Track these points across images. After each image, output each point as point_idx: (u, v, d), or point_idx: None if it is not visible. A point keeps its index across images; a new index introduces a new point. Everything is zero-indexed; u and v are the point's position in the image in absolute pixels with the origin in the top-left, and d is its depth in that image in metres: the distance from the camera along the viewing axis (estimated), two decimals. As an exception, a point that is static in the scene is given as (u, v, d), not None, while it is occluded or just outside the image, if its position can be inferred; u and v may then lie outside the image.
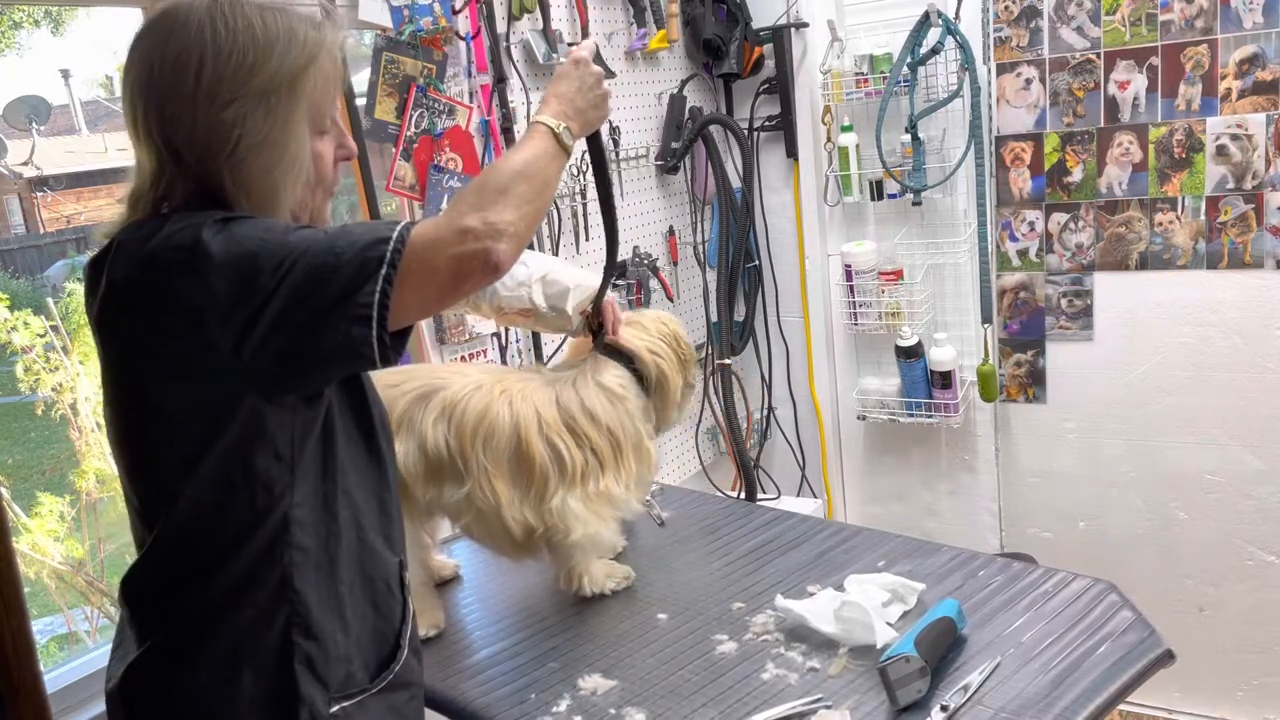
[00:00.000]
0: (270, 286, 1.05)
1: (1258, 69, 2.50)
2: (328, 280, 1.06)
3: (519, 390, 1.71)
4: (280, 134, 1.16)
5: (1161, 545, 2.87)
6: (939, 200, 2.93)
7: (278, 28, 1.15)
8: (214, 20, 1.13)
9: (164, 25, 1.14)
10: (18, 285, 3.90)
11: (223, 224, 1.09)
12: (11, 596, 1.43)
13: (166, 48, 1.13)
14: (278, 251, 1.07)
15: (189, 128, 1.12)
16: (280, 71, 1.14)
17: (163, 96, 1.13)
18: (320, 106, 1.20)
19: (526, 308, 1.78)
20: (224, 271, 1.06)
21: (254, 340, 1.06)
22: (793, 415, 3.27)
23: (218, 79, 1.12)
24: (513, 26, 2.42)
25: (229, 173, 1.14)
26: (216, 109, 1.12)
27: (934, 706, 1.36)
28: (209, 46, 1.12)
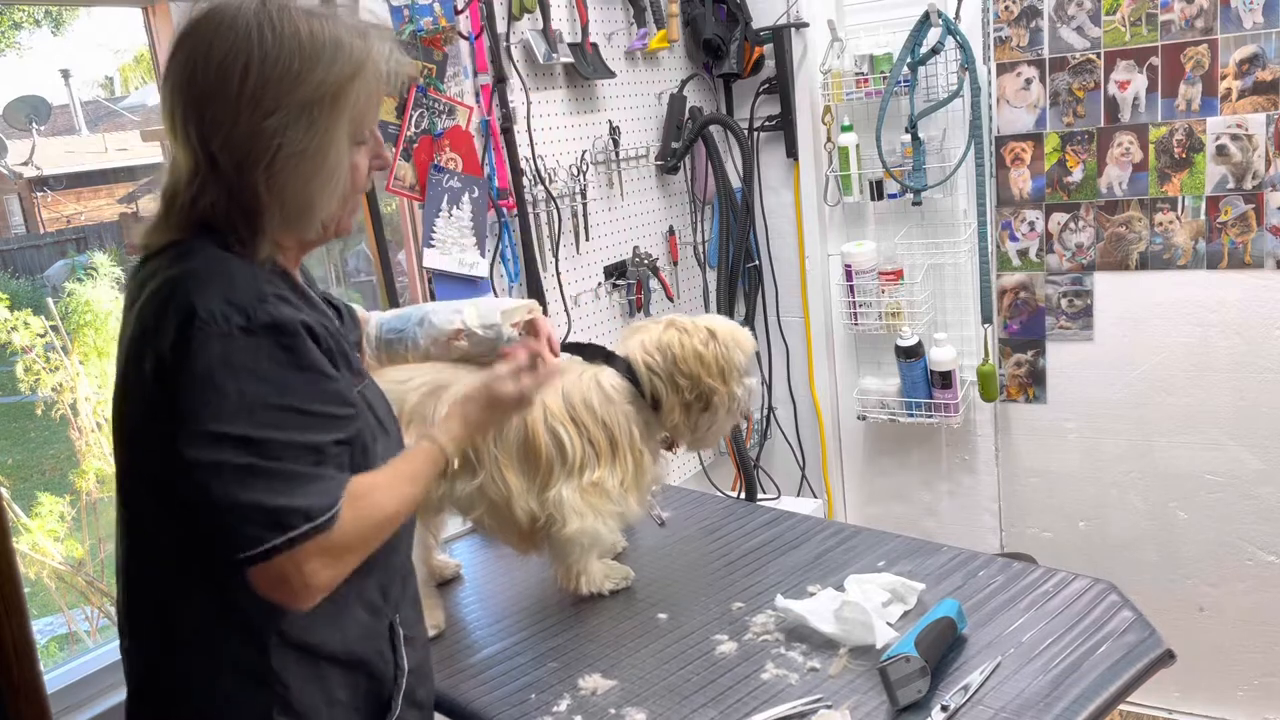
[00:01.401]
0: (201, 456, 1.05)
1: (1258, 69, 2.50)
2: (231, 508, 1.06)
3: None
4: (320, 146, 1.14)
5: (1161, 545, 2.87)
6: (939, 200, 2.93)
7: (324, 37, 1.13)
8: (261, 26, 1.11)
9: (209, 25, 1.12)
10: (18, 285, 3.90)
11: (248, 335, 1.07)
12: (11, 596, 1.43)
13: (211, 49, 1.11)
14: (236, 438, 1.06)
15: (228, 134, 1.11)
16: (325, 82, 1.13)
17: (203, 99, 1.11)
18: (362, 118, 1.18)
19: (458, 329, 1.76)
20: (191, 395, 1.06)
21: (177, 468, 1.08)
22: (793, 415, 3.27)
23: (261, 86, 1.10)
24: (513, 26, 2.42)
25: (265, 183, 1.12)
26: (258, 117, 1.10)
27: (934, 706, 1.37)
28: (255, 52, 1.10)
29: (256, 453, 1.06)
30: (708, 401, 1.80)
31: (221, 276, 1.10)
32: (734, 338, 1.84)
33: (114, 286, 2.63)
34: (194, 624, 1.15)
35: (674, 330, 1.82)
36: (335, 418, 1.14)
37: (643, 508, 1.84)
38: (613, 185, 2.79)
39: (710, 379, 1.79)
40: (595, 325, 2.73)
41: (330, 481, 1.11)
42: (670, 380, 1.79)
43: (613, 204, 2.80)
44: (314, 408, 1.11)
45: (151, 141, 3.54)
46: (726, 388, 1.81)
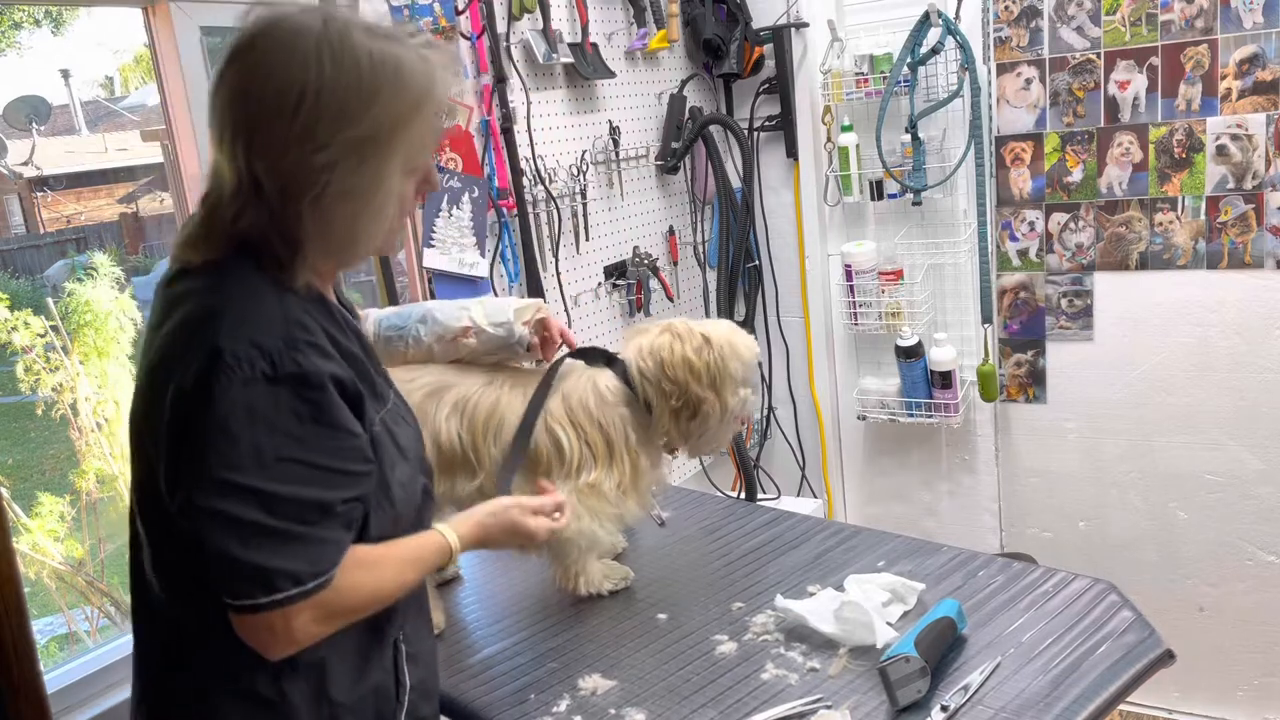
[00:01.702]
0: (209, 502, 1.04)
1: (1258, 69, 2.50)
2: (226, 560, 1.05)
3: (528, 385, 1.75)
4: (370, 184, 1.11)
5: (1161, 545, 2.87)
6: (939, 200, 2.93)
7: (385, 69, 1.09)
8: (320, 53, 1.06)
9: (269, 43, 1.08)
10: (18, 285, 3.90)
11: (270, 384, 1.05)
12: (11, 596, 1.43)
13: (269, 72, 1.07)
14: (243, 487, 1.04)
15: (275, 162, 1.07)
16: (382, 120, 1.09)
17: (253, 123, 1.07)
18: (417, 153, 1.15)
19: (466, 326, 1.76)
20: (205, 439, 1.04)
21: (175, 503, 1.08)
22: (793, 415, 3.27)
23: (315, 120, 1.06)
24: (513, 26, 2.42)
25: (309, 215, 1.09)
26: (308, 151, 1.07)
27: (934, 706, 1.36)
28: (311, 83, 1.06)
29: (261, 506, 1.05)
30: (695, 409, 1.76)
31: (253, 314, 1.07)
32: (731, 346, 1.78)
33: (114, 286, 2.63)
34: (201, 639, 1.14)
35: (668, 335, 1.78)
36: (350, 474, 1.12)
37: (642, 510, 1.84)
38: (613, 185, 2.79)
39: (698, 387, 1.74)
40: (595, 325, 2.73)
41: (329, 546, 1.10)
42: (658, 386, 1.76)
43: (613, 204, 2.80)
44: (329, 463, 1.09)
45: (151, 141, 3.54)
46: (718, 397, 1.76)
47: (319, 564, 1.08)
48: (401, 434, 1.24)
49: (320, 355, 1.09)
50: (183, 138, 1.97)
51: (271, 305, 1.09)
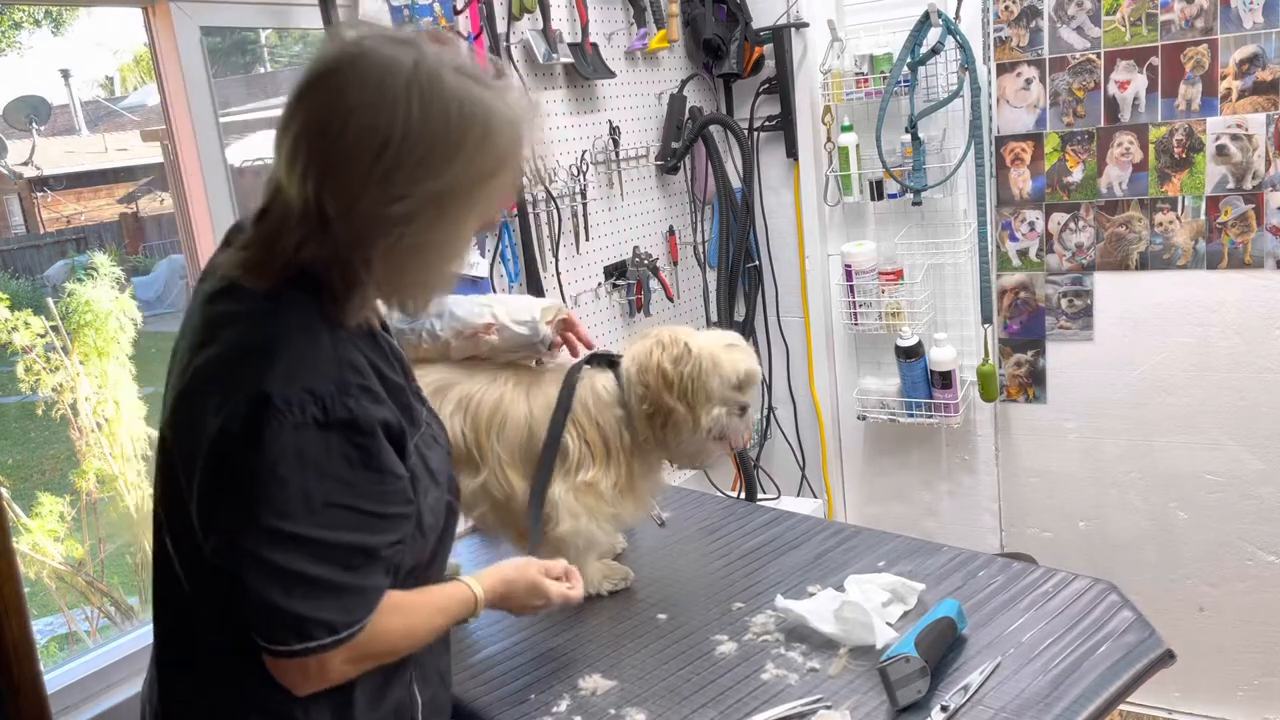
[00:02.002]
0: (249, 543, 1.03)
1: (1258, 69, 2.50)
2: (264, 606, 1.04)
3: (530, 383, 1.76)
4: (446, 237, 1.07)
5: (1161, 545, 2.86)
6: (939, 200, 2.93)
7: (475, 120, 1.04)
8: (410, 98, 1.01)
9: (355, 78, 1.02)
10: (18, 285, 3.90)
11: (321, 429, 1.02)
12: (11, 596, 1.43)
13: (352, 110, 1.01)
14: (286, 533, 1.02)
15: (348, 206, 1.02)
16: (465, 174, 1.04)
17: (330, 161, 1.02)
18: (496, 206, 1.12)
19: (488, 322, 1.75)
20: (254, 484, 1.01)
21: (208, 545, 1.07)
22: (793, 415, 3.27)
23: (396, 169, 1.01)
24: (513, 26, 2.42)
25: (379, 263, 1.05)
26: (385, 200, 1.02)
27: (934, 707, 1.36)
28: (397, 130, 1.00)
29: (307, 554, 1.03)
30: (666, 418, 1.72)
31: (306, 356, 1.04)
32: (714, 361, 1.71)
33: (114, 286, 2.63)
34: (220, 656, 1.13)
35: (653, 340, 1.75)
36: (394, 518, 1.11)
37: (639, 512, 1.83)
38: (613, 185, 2.79)
39: (669, 397, 1.70)
40: (595, 325, 2.73)
41: (368, 594, 1.09)
42: (633, 391, 1.74)
43: (613, 204, 2.80)
44: (375, 508, 1.08)
45: (151, 141, 3.54)
46: (690, 411, 1.70)
47: (354, 613, 1.08)
48: (433, 457, 1.22)
49: (371, 400, 1.07)
50: (183, 138, 1.97)
51: (324, 346, 1.06)
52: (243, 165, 2.70)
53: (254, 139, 3.03)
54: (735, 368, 1.73)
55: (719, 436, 1.75)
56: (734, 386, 1.73)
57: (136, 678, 1.80)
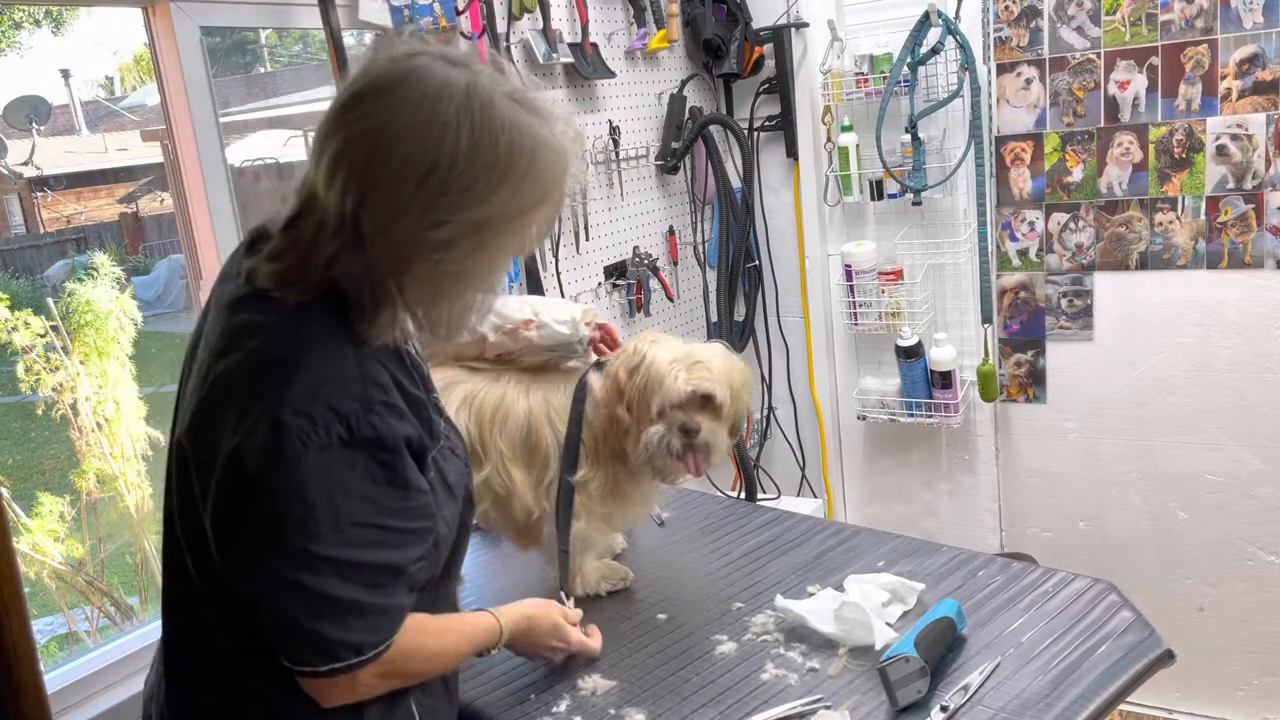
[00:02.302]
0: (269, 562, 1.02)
1: (1258, 69, 2.50)
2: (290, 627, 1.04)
3: (531, 381, 1.77)
4: (483, 266, 1.06)
5: (1161, 545, 2.86)
6: (939, 200, 2.93)
7: (522, 153, 1.02)
8: (460, 125, 0.99)
9: (407, 99, 1.00)
10: (18, 285, 3.90)
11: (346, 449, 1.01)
12: (11, 596, 1.43)
13: (400, 135, 0.99)
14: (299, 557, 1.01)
15: (387, 228, 1.00)
16: (508, 206, 1.03)
17: (372, 179, 1.00)
18: (536, 239, 1.10)
19: (529, 319, 1.75)
20: (280, 504, 1.01)
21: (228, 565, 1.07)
22: (793, 415, 3.27)
23: (440, 194, 0.99)
24: (513, 26, 2.42)
25: (412, 285, 1.04)
26: (425, 226, 1.00)
27: (934, 706, 1.36)
28: (445, 157, 0.98)
29: (333, 574, 1.02)
30: (619, 429, 1.67)
31: (329, 372, 1.02)
32: (661, 378, 1.62)
33: (114, 286, 2.63)
34: (228, 658, 1.13)
35: (631, 346, 1.70)
36: (419, 533, 1.11)
37: (634, 515, 1.82)
38: (613, 185, 2.79)
39: (619, 408, 1.65)
40: (595, 325, 2.73)
41: (392, 614, 1.09)
42: (594, 397, 1.72)
43: (613, 204, 2.80)
44: (401, 525, 1.07)
45: (151, 141, 3.54)
46: (636, 424, 1.64)
47: (380, 632, 1.08)
48: (451, 470, 1.21)
49: (395, 416, 1.06)
50: (183, 138, 1.97)
51: (349, 362, 1.04)
52: (243, 165, 2.70)
53: (254, 139, 3.03)
54: (677, 386, 1.61)
55: (657, 460, 1.65)
56: (675, 405, 1.62)
57: (136, 678, 1.80)
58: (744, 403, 1.71)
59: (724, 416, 1.66)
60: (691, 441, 1.64)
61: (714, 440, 1.65)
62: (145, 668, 1.79)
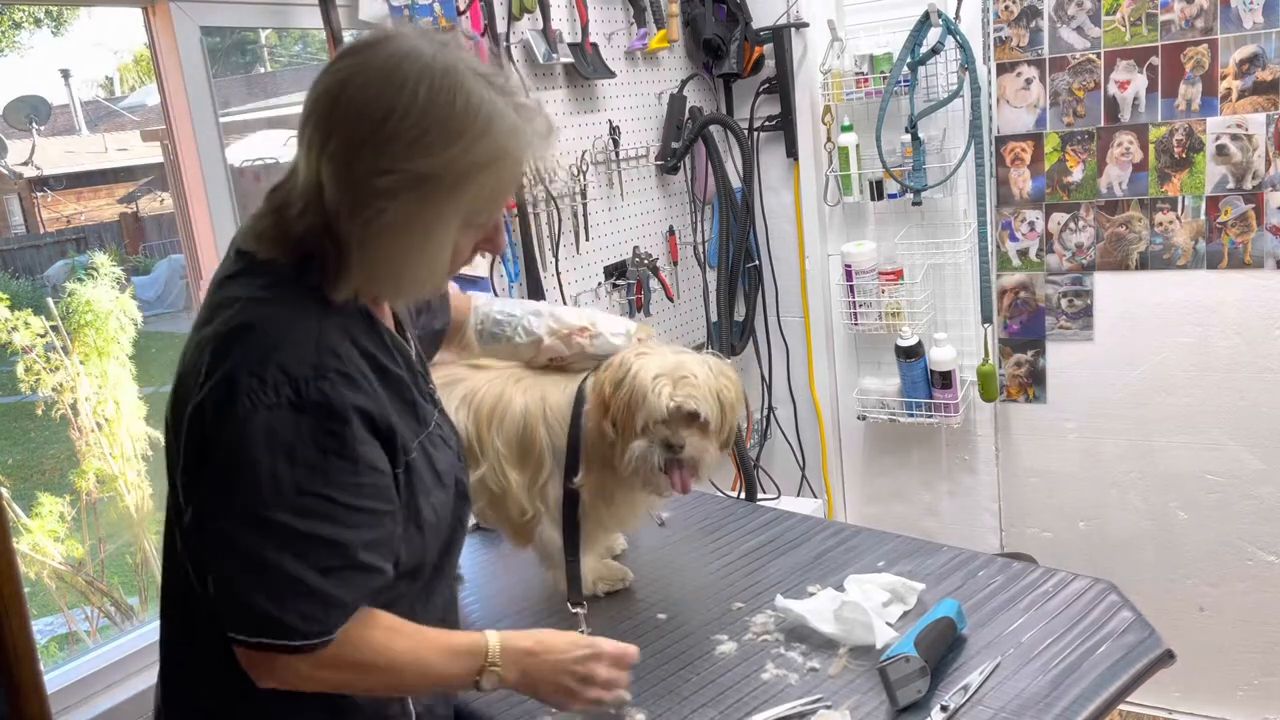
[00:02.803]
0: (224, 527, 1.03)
1: (1258, 69, 2.50)
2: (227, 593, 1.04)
3: (532, 380, 1.76)
4: (425, 226, 1.07)
5: (1161, 545, 2.86)
6: (939, 200, 2.93)
7: (477, 115, 1.05)
8: (420, 80, 1.03)
9: (375, 57, 1.05)
10: (18, 285, 3.90)
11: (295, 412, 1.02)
12: (11, 596, 1.43)
13: (364, 85, 1.04)
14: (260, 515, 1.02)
15: (340, 173, 1.04)
16: (454, 164, 1.05)
17: (333, 127, 1.05)
18: (483, 207, 1.11)
19: (584, 326, 1.73)
20: (225, 465, 1.02)
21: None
22: (793, 415, 3.27)
23: (390, 141, 1.03)
24: (513, 26, 2.42)
25: (358, 240, 1.06)
26: (374, 171, 1.03)
27: (934, 706, 1.36)
28: (399, 103, 1.02)
29: (274, 542, 1.02)
30: (603, 436, 1.65)
31: (286, 337, 1.04)
32: (644, 393, 1.58)
33: (114, 286, 2.63)
34: (224, 660, 1.12)
35: (615, 359, 1.66)
36: (370, 513, 1.08)
37: (627, 521, 1.81)
38: (613, 185, 2.79)
39: (605, 422, 1.63)
40: (595, 325, 2.73)
41: (333, 608, 1.05)
42: (582, 407, 1.70)
43: (613, 204, 2.80)
44: (349, 501, 1.06)
45: (151, 141, 3.54)
46: (621, 439, 1.62)
47: (313, 622, 1.04)
48: (440, 458, 1.20)
49: (349, 386, 1.06)
50: (183, 138, 1.97)
51: (308, 328, 1.06)
52: (243, 165, 2.70)
53: (254, 139, 3.03)
54: (660, 402, 1.58)
55: (642, 475, 1.62)
56: (659, 421, 1.59)
57: (136, 678, 1.80)
58: (735, 417, 1.67)
59: (711, 432, 1.63)
60: (676, 457, 1.61)
61: (700, 455, 1.62)
62: (145, 668, 1.80)
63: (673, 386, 1.59)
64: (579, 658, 1.25)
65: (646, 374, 1.59)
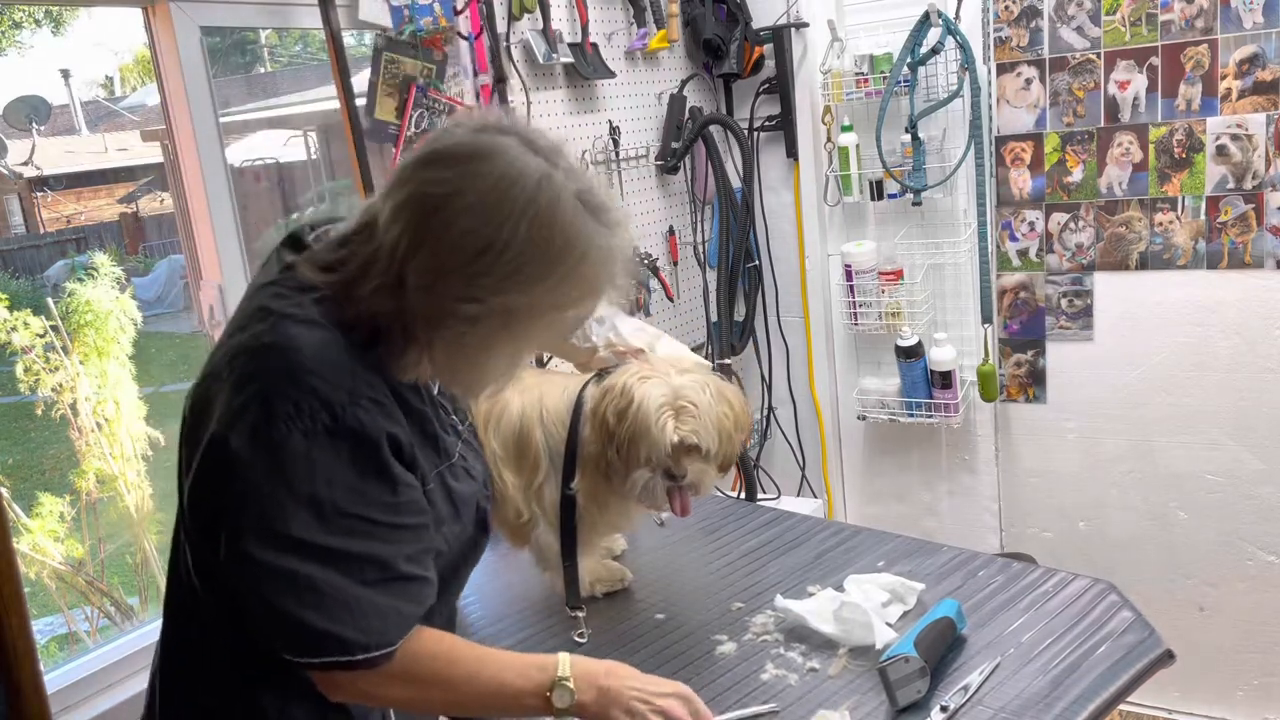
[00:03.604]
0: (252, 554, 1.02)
1: (1258, 69, 2.50)
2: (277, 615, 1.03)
3: (533, 383, 1.77)
4: (506, 350, 1.09)
5: (1161, 545, 2.86)
6: (939, 200, 2.93)
7: (572, 253, 1.04)
8: (524, 215, 1.01)
9: (481, 176, 1.02)
10: (18, 285, 3.89)
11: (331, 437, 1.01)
12: (11, 596, 1.43)
13: (466, 210, 1.01)
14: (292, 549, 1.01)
15: (428, 286, 1.03)
16: (543, 298, 1.05)
17: (427, 240, 1.02)
18: (558, 333, 1.13)
19: (640, 348, 1.73)
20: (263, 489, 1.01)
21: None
22: (793, 415, 3.27)
23: (483, 274, 1.02)
24: (513, 26, 2.42)
25: (440, 348, 1.07)
26: (461, 298, 1.03)
27: (934, 707, 1.36)
28: (500, 241, 1.01)
29: (320, 561, 1.02)
30: (606, 465, 1.66)
31: (322, 360, 1.04)
32: (646, 425, 1.57)
33: (114, 286, 2.63)
34: (222, 659, 1.13)
35: (619, 382, 1.63)
36: (409, 528, 1.09)
37: (619, 525, 1.81)
38: (613, 185, 2.79)
39: (609, 449, 1.63)
40: (595, 325, 2.73)
41: (387, 616, 1.05)
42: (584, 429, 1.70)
43: (613, 204, 2.79)
44: (388, 519, 1.06)
45: (151, 141, 3.54)
46: (624, 467, 1.62)
47: (371, 634, 1.04)
48: (460, 489, 1.21)
49: (381, 413, 1.06)
50: (183, 138, 1.97)
51: (342, 356, 1.06)
52: (243, 165, 2.70)
53: (254, 139, 3.02)
54: (664, 437, 1.57)
55: (644, 501, 1.65)
56: (666, 454, 1.59)
57: (137, 678, 1.80)
58: (734, 445, 1.66)
59: (712, 458, 1.63)
60: (678, 484, 1.62)
61: (701, 481, 1.63)
62: (145, 668, 1.79)
63: (675, 419, 1.58)
64: (663, 693, 1.23)
65: (650, 405, 1.58)
